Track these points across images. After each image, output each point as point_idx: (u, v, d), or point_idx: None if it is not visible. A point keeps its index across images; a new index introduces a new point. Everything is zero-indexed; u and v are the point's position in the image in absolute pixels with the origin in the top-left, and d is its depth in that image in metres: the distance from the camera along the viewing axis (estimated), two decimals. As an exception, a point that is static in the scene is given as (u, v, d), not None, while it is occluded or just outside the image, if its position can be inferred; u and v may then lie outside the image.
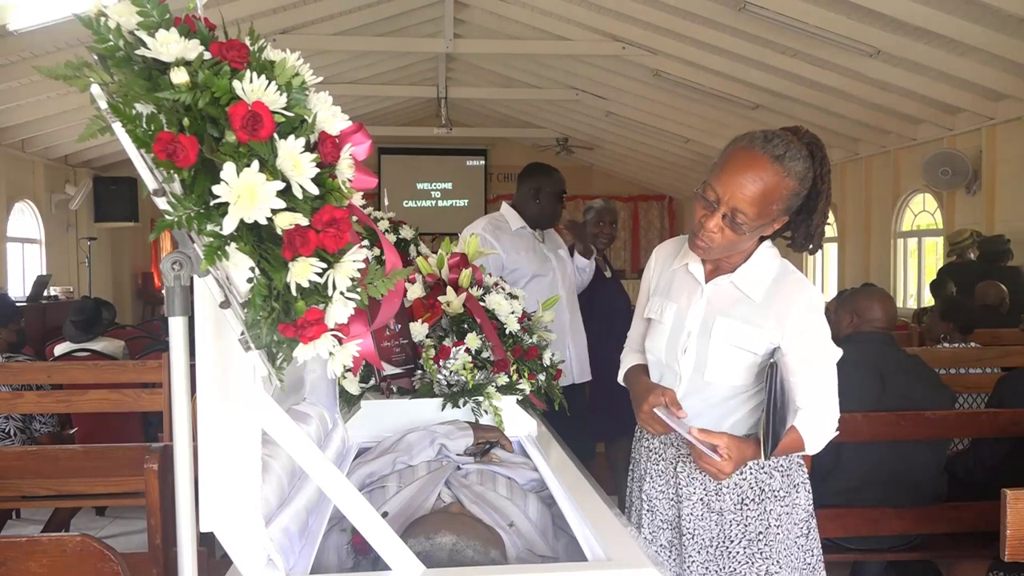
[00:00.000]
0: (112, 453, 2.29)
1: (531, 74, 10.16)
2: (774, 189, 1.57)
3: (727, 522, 1.73)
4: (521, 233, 3.39)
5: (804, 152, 1.60)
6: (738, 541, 1.72)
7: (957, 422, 2.79)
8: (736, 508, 1.73)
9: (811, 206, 1.65)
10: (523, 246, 3.35)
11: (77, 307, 4.78)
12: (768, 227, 1.65)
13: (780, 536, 1.72)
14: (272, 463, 1.36)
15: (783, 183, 1.58)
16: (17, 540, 1.38)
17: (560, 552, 1.49)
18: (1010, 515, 1.60)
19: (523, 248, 3.34)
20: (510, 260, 3.28)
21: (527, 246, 3.37)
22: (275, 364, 1.07)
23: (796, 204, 1.63)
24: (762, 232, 1.65)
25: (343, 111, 1.14)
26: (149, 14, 1.01)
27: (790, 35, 6.60)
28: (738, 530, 1.73)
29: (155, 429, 4.11)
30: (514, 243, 3.32)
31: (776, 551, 1.71)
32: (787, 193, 1.59)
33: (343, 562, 1.42)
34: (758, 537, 1.71)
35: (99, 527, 4.37)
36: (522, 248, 3.34)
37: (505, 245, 3.29)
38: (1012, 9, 5.36)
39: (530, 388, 2.28)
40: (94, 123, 1.01)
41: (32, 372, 3.62)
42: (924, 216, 8.66)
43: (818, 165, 1.62)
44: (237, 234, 1.00)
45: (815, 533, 1.79)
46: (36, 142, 9.06)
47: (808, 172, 1.61)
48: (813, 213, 1.66)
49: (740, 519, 1.73)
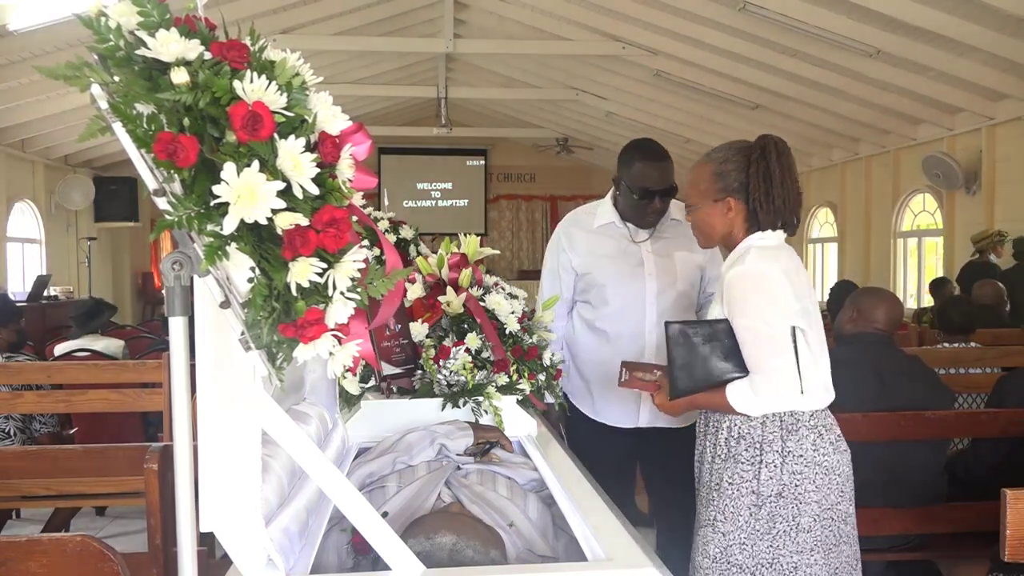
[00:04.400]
0: (112, 453, 2.29)
1: (531, 74, 10.16)
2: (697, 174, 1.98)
3: (702, 470, 2.00)
4: (606, 231, 2.60)
5: (735, 147, 1.93)
6: (703, 485, 1.99)
7: (957, 422, 2.79)
8: (709, 460, 1.97)
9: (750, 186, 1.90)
10: (604, 247, 2.59)
11: (78, 303, 4.83)
12: (710, 206, 1.94)
13: (731, 494, 1.89)
14: (272, 463, 1.36)
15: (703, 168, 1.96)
16: (17, 540, 1.38)
17: (560, 552, 1.49)
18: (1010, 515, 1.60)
19: (603, 250, 2.59)
20: (582, 264, 2.59)
21: (610, 246, 2.59)
22: (275, 364, 1.07)
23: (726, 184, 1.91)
24: (708, 211, 1.95)
25: (343, 111, 1.14)
26: (149, 14, 1.01)
27: (790, 35, 6.61)
28: (706, 478, 1.98)
29: (155, 429, 4.11)
30: (591, 244, 2.60)
31: (724, 505, 1.90)
32: (707, 175, 1.94)
33: (343, 562, 1.42)
34: (715, 487, 1.93)
35: (99, 527, 4.36)
36: (601, 250, 2.59)
37: (578, 246, 2.62)
38: (1012, 9, 5.36)
39: (530, 388, 2.28)
40: (94, 123, 1.01)
41: (32, 372, 3.62)
42: (924, 216, 8.66)
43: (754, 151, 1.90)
44: (237, 234, 1.00)
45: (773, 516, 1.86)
46: (36, 142, 9.06)
47: (730, 157, 1.91)
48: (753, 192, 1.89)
49: (709, 469, 1.97)
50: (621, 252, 2.57)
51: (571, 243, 2.64)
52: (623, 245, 2.58)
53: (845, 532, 1.91)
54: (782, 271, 1.86)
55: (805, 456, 1.86)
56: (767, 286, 1.85)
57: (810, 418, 1.88)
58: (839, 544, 1.89)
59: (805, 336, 1.86)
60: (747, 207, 1.91)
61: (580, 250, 2.62)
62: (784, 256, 1.91)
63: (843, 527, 1.90)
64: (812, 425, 1.88)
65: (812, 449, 1.86)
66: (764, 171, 1.87)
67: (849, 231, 9.66)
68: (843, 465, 1.90)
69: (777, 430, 1.88)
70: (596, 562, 1.30)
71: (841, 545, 1.89)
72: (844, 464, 1.91)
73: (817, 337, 1.89)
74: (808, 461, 1.86)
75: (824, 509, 1.86)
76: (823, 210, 10.46)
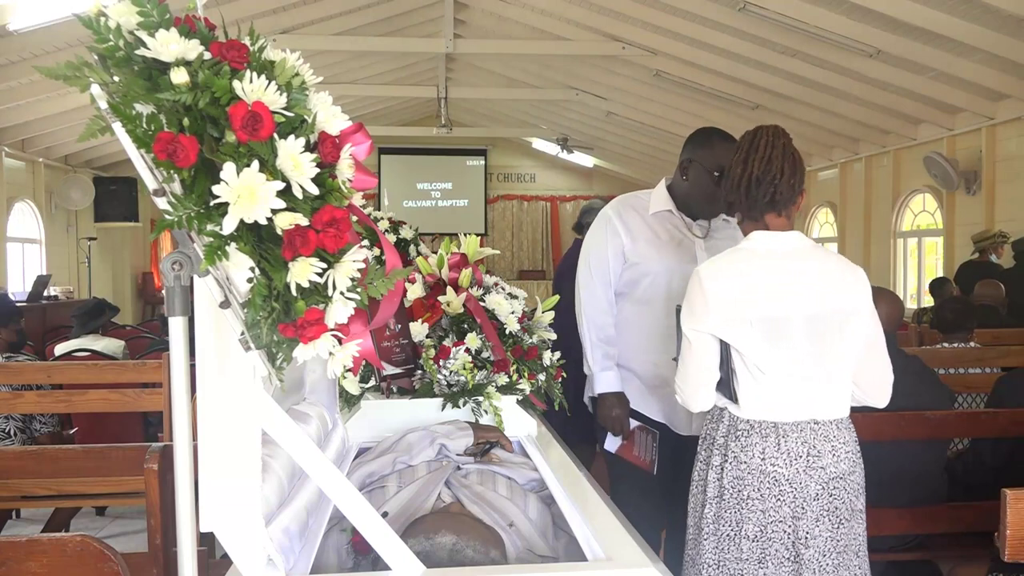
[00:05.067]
0: (112, 453, 2.28)
1: (531, 74, 10.16)
2: None
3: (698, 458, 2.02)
4: (660, 218, 2.48)
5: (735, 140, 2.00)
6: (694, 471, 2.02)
7: (957, 422, 2.79)
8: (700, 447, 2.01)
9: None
10: (658, 235, 2.47)
11: (79, 303, 4.85)
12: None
13: (692, 490, 1.99)
14: (272, 463, 1.36)
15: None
16: (17, 540, 1.38)
17: (560, 552, 1.49)
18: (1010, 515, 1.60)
19: (657, 238, 2.46)
20: (634, 251, 2.45)
21: (664, 236, 2.47)
22: (275, 364, 1.07)
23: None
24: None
25: (343, 111, 1.14)
26: (149, 14, 1.01)
27: (790, 35, 6.60)
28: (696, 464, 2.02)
29: (155, 429, 4.12)
30: (644, 230, 2.47)
31: (689, 500, 2.00)
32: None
33: (343, 562, 1.42)
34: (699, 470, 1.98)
35: (99, 527, 4.36)
36: (655, 238, 2.46)
37: (633, 230, 2.47)
38: (1012, 9, 5.36)
39: (530, 388, 2.28)
40: (94, 123, 1.01)
41: (32, 372, 3.62)
42: (924, 216, 8.66)
43: (744, 142, 1.93)
44: (237, 234, 1.00)
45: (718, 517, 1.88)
46: (36, 142, 9.06)
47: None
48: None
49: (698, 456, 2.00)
50: (677, 243, 2.44)
51: (626, 226, 2.47)
52: (678, 236, 2.46)
53: (806, 556, 1.79)
54: (731, 279, 1.82)
55: (750, 463, 1.82)
56: (692, 289, 1.87)
57: (763, 427, 1.83)
58: (796, 562, 1.80)
59: (734, 349, 1.83)
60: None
61: (636, 234, 2.45)
62: (763, 265, 1.84)
63: (803, 549, 1.80)
64: (765, 433, 1.83)
65: (759, 457, 1.82)
66: (735, 164, 1.92)
67: (849, 231, 9.65)
68: (811, 483, 1.81)
69: (725, 432, 1.88)
70: (596, 562, 1.30)
71: (800, 567, 1.80)
72: (812, 482, 1.81)
73: (765, 349, 1.81)
74: (752, 468, 1.82)
75: (774, 521, 1.81)
76: (823, 210, 10.45)
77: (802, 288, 1.83)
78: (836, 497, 1.83)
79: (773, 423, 1.83)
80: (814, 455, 1.82)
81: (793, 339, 1.82)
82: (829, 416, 1.86)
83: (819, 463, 1.82)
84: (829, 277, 1.86)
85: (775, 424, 1.83)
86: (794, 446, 1.82)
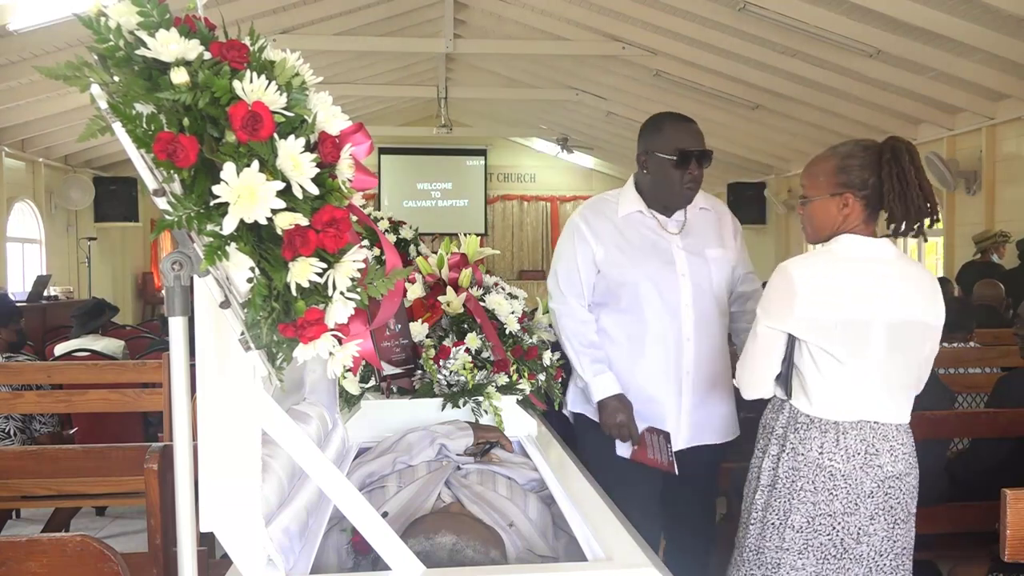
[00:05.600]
0: (112, 453, 2.28)
1: (531, 74, 10.16)
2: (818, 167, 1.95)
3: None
4: (631, 221, 2.33)
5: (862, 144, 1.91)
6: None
7: (957, 422, 2.79)
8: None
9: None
10: (629, 241, 2.31)
11: (79, 303, 4.85)
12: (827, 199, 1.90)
13: (747, 477, 2.01)
14: (272, 463, 1.36)
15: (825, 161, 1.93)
16: (17, 540, 1.38)
17: (560, 552, 1.49)
18: (1010, 515, 1.60)
19: (629, 244, 2.30)
20: (606, 260, 2.31)
21: (637, 240, 2.31)
22: (275, 364, 1.07)
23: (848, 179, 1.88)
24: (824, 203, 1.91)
25: (343, 111, 1.14)
26: (149, 14, 1.01)
27: (790, 35, 6.61)
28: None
29: (155, 429, 4.12)
30: (615, 236, 2.32)
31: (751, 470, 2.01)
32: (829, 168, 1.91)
33: (343, 562, 1.42)
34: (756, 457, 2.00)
35: (99, 527, 4.37)
36: (627, 244, 2.30)
37: (603, 237, 2.32)
38: (1012, 9, 5.36)
39: (530, 388, 2.28)
40: (94, 123, 1.01)
41: (32, 372, 3.62)
42: (924, 216, 8.66)
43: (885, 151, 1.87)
44: (237, 234, 1.00)
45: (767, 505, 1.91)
46: (36, 142, 9.06)
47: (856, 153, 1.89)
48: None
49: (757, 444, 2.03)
50: (651, 246, 2.29)
51: (595, 233, 2.31)
52: (652, 238, 2.30)
53: (857, 551, 1.83)
54: (818, 279, 1.81)
55: (807, 456, 1.85)
56: (778, 287, 1.84)
57: (823, 423, 1.85)
58: (842, 559, 1.83)
59: (806, 347, 1.84)
60: (864, 206, 1.87)
61: (606, 241, 2.30)
62: (852, 264, 1.85)
63: (853, 544, 1.83)
64: (824, 428, 1.85)
65: (817, 451, 1.84)
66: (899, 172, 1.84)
67: (849, 231, 9.64)
68: (866, 480, 1.83)
69: (784, 423, 1.90)
70: (596, 562, 1.30)
71: (847, 561, 1.83)
72: (868, 480, 1.83)
73: (843, 351, 1.81)
74: (809, 461, 1.85)
75: (823, 514, 1.83)
76: (823, 210, 10.45)
77: (886, 292, 1.84)
78: (891, 496, 1.85)
79: (835, 421, 1.86)
80: (872, 453, 1.84)
81: (872, 344, 1.83)
82: (891, 420, 1.87)
83: (876, 461, 1.84)
84: (912, 284, 1.88)
85: (836, 421, 1.86)
86: (853, 443, 1.84)
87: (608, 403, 2.31)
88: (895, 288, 1.84)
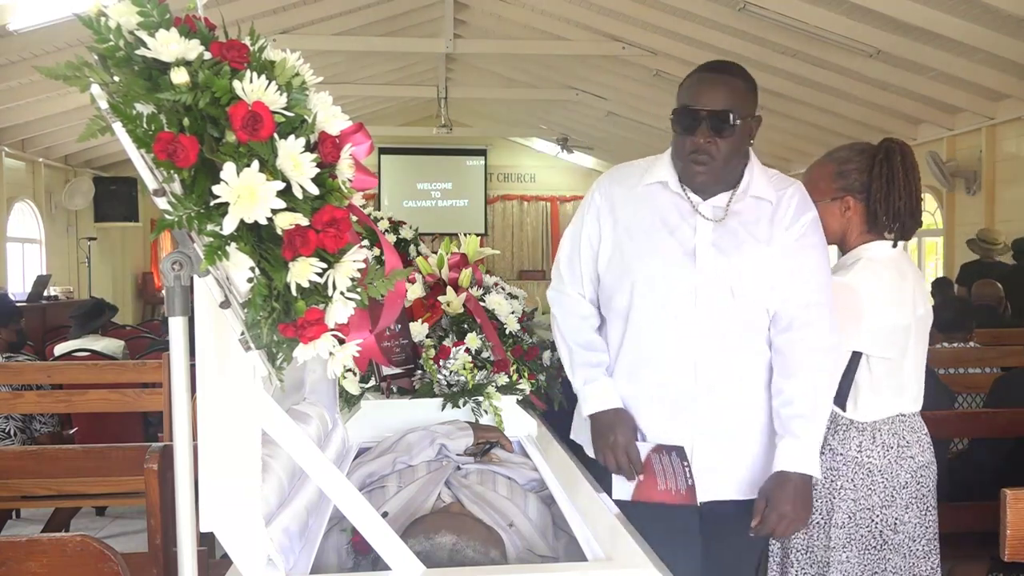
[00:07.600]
0: (112, 453, 2.29)
1: (531, 74, 10.16)
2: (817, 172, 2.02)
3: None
4: (654, 193, 1.77)
5: (858, 147, 1.97)
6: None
7: (957, 422, 2.79)
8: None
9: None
10: (644, 219, 1.77)
11: (79, 303, 4.85)
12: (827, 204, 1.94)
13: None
14: (272, 463, 1.36)
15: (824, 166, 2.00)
16: (17, 540, 1.38)
17: (560, 552, 1.49)
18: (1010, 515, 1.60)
19: (641, 222, 1.77)
20: (611, 236, 1.80)
21: (656, 220, 1.76)
22: (275, 364, 1.07)
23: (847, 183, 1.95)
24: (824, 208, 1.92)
25: (343, 111, 1.14)
26: (149, 14, 1.01)
27: (790, 35, 6.60)
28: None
29: (155, 429, 4.12)
30: (629, 209, 1.79)
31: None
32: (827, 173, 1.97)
33: (343, 562, 1.42)
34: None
35: (99, 527, 4.37)
36: (638, 222, 1.77)
37: (616, 208, 1.80)
38: (1012, 9, 5.36)
39: (530, 388, 2.28)
40: (94, 123, 1.01)
41: (32, 372, 3.62)
42: (924, 216, 8.66)
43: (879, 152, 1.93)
44: (237, 234, 1.00)
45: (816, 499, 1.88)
46: (36, 142, 9.06)
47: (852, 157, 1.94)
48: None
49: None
50: (669, 232, 1.74)
51: (609, 201, 1.80)
52: (674, 222, 1.74)
53: (895, 541, 1.90)
54: (884, 287, 1.86)
55: (846, 455, 1.90)
56: (846, 306, 1.84)
57: (863, 423, 1.91)
58: (882, 549, 1.90)
59: (867, 361, 1.89)
60: (866, 208, 1.93)
61: (617, 214, 1.78)
62: (891, 270, 1.91)
63: (891, 534, 1.90)
64: (862, 428, 1.91)
65: (856, 449, 1.90)
66: (888, 173, 1.88)
67: (849, 231, 9.65)
68: (901, 472, 1.90)
69: (827, 428, 1.91)
70: (596, 562, 1.30)
71: (887, 552, 1.90)
72: (903, 472, 1.90)
73: (897, 353, 1.88)
74: (848, 460, 1.90)
75: (863, 509, 1.89)
76: (823, 210, 10.45)
77: (911, 289, 1.94)
78: (923, 485, 1.94)
79: (890, 418, 1.92)
80: (903, 445, 1.92)
81: (910, 342, 1.92)
82: (912, 410, 1.96)
83: (908, 453, 1.92)
84: (919, 281, 1.98)
85: (874, 420, 1.92)
86: (887, 438, 1.91)
87: (600, 418, 1.75)
88: (915, 284, 1.94)
